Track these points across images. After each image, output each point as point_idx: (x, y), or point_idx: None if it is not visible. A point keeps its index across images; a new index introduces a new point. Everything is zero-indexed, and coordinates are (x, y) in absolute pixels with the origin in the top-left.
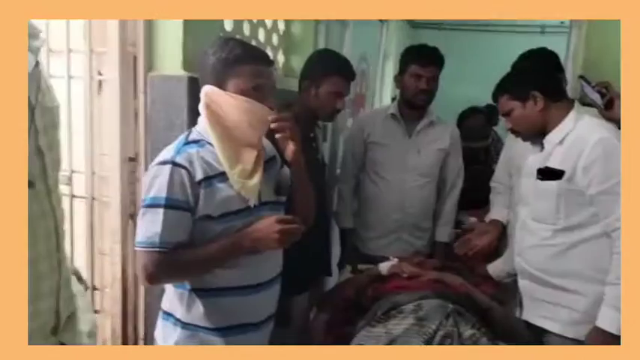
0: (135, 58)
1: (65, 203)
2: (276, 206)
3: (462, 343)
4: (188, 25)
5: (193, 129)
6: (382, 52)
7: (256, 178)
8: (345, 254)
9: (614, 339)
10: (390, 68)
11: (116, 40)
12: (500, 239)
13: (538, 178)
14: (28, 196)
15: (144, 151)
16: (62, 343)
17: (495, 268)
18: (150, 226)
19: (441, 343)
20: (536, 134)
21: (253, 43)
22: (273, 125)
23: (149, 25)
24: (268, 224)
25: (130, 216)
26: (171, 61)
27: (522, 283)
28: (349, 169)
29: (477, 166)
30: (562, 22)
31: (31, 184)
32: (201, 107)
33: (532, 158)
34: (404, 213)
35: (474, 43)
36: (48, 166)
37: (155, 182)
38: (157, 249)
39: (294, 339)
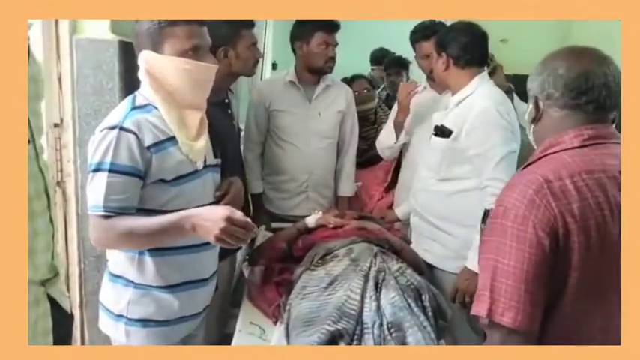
0: (57, 21)
1: None
2: (216, 169)
3: (392, 275)
4: None
5: (138, 93)
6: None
7: (202, 141)
8: (257, 216)
9: (477, 276)
10: (271, 34)
11: None
12: None
13: (433, 134)
14: None
15: (71, 117)
16: (49, 295)
17: (401, 211)
18: (96, 190)
19: (376, 277)
20: (442, 87)
21: None
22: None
23: None
24: (216, 218)
25: (57, 183)
26: (97, 24)
27: (413, 220)
28: (254, 137)
29: (369, 128)
30: None
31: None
32: (141, 73)
33: (436, 114)
34: (311, 174)
35: None
36: (35, 131)
37: (100, 147)
38: (101, 213)
39: (220, 298)
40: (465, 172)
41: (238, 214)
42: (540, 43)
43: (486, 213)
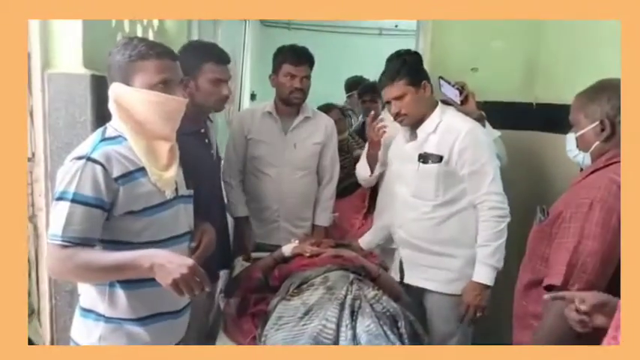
0: (29, 56)
1: None
2: (189, 199)
3: (368, 302)
4: (86, 22)
5: (108, 125)
6: (245, 49)
7: (172, 171)
8: (242, 241)
9: (487, 288)
10: (248, 65)
11: None
12: None
13: (421, 162)
14: None
15: (43, 150)
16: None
17: (365, 240)
18: (56, 219)
19: (352, 304)
20: (419, 120)
21: None
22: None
23: (44, 24)
24: (180, 263)
25: (28, 218)
26: (70, 59)
27: (404, 252)
28: (234, 164)
29: (344, 156)
30: (396, 26)
31: None
32: (110, 105)
33: (409, 146)
34: (282, 204)
35: (320, 42)
36: None
37: (66, 177)
38: (59, 242)
39: (196, 333)
40: (458, 192)
41: (201, 269)
42: (509, 72)
43: (542, 209)
